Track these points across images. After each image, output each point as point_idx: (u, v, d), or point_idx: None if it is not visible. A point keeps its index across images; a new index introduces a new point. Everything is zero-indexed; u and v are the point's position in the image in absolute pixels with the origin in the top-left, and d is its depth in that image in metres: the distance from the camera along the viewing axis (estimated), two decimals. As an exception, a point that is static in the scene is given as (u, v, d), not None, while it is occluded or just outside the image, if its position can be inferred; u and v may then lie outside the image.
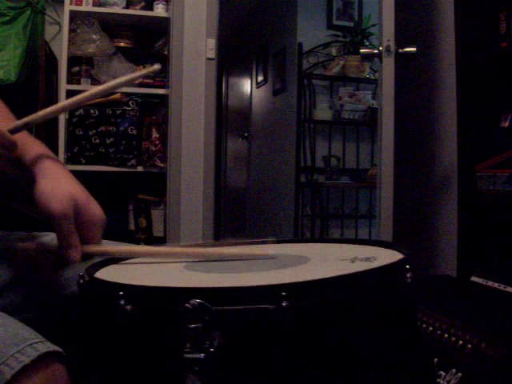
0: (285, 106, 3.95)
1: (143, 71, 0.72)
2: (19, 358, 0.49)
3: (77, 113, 2.45)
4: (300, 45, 3.64)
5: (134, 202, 2.61)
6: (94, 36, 2.47)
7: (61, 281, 0.72)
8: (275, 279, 0.55)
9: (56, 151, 2.41)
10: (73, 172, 0.67)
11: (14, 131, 0.65)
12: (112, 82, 0.68)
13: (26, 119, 0.67)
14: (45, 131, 2.37)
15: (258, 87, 4.67)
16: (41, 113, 0.67)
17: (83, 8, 2.47)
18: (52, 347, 0.51)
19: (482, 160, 1.68)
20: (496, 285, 1.33)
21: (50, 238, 0.77)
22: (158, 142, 2.53)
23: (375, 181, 2.11)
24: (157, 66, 0.70)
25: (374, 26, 3.41)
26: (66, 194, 0.61)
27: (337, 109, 3.64)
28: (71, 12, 2.43)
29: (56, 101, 2.54)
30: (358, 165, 3.77)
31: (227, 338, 0.45)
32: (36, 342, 0.51)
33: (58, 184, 0.62)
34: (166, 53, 2.62)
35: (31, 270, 0.71)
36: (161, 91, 2.56)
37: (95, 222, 0.63)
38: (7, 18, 2.41)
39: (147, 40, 2.70)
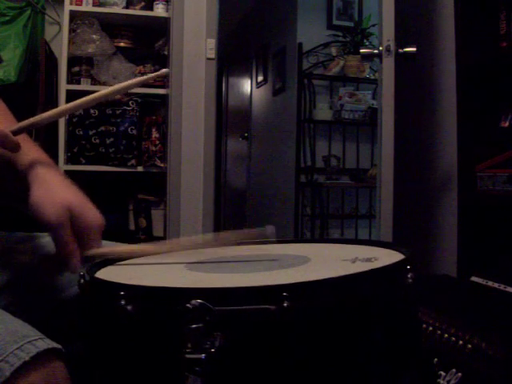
0: (285, 105, 3.95)
1: (151, 75, 0.71)
2: (19, 354, 0.48)
3: (77, 113, 2.45)
4: (300, 45, 3.64)
5: (134, 201, 2.61)
6: (94, 36, 2.47)
7: (62, 281, 0.72)
8: (276, 279, 0.55)
9: (56, 151, 2.41)
10: (73, 172, 0.67)
11: (16, 133, 0.65)
12: (119, 85, 0.67)
13: (29, 121, 0.67)
14: (45, 131, 2.37)
15: (258, 87, 4.67)
16: (44, 115, 0.67)
17: (83, 8, 2.47)
18: (52, 344, 0.51)
19: (482, 160, 1.68)
20: (496, 285, 1.33)
21: (50, 238, 0.77)
22: (157, 142, 2.53)
23: (375, 181, 2.11)
24: (165, 70, 0.70)
25: (374, 25, 3.41)
26: (60, 202, 0.60)
27: (337, 109, 3.64)
28: (71, 12, 2.43)
29: (56, 101, 2.54)
30: (358, 165, 3.77)
31: (228, 339, 0.45)
32: (36, 339, 0.51)
33: (52, 191, 0.62)
34: (165, 53, 2.62)
35: (30, 273, 0.72)
36: (161, 91, 2.56)
37: (92, 228, 0.62)
38: (7, 18, 2.40)
39: (147, 40, 2.70)
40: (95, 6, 2.49)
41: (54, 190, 0.62)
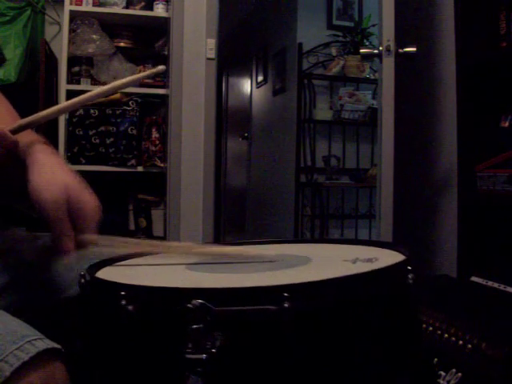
0: (285, 105, 3.95)
1: (148, 72, 0.71)
2: (18, 355, 0.48)
3: (77, 113, 2.45)
4: (300, 45, 3.64)
5: (134, 201, 2.61)
6: (94, 36, 2.47)
7: (62, 281, 0.72)
8: (277, 280, 0.55)
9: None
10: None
11: (15, 131, 0.65)
12: (117, 82, 0.67)
13: (28, 119, 0.67)
14: (45, 131, 2.37)
15: (257, 87, 4.67)
16: (43, 113, 0.67)
17: (83, 8, 2.47)
18: (51, 344, 0.51)
19: (482, 160, 1.68)
20: (496, 285, 1.33)
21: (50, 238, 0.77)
22: (158, 142, 2.53)
23: (375, 181, 2.11)
24: (161, 67, 0.70)
25: (374, 25, 3.41)
26: (58, 184, 0.60)
27: (337, 109, 3.64)
28: (71, 12, 2.43)
29: (56, 101, 2.54)
30: (358, 165, 3.77)
31: (229, 339, 0.45)
32: (35, 339, 0.50)
33: (50, 174, 0.61)
34: (165, 53, 2.62)
35: (30, 273, 0.71)
36: (161, 91, 2.56)
37: (89, 211, 0.61)
38: (7, 18, 2.41)
39: (147, 40, 2.70)
40: (95, 6, 2.49)
41: (51, 171, 0.62)
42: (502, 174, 1.59)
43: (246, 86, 5.04)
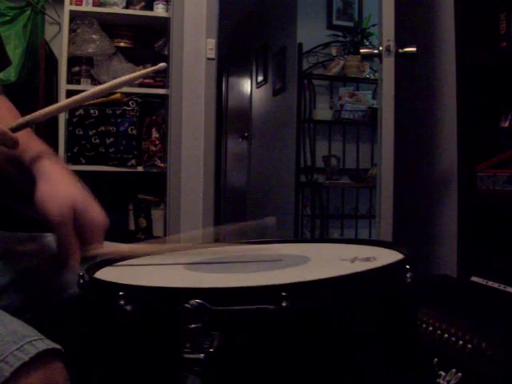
0: (285, 105, 3.95)
1: (149, 69, 0.71)
2: (18, 355, 0.48)
3: (77, 113, 2.45)
4: (300, 45, 3.64)
5: (134, 201, 2.61)
6: (94, 36, 2.47)
7: (62, 281, 0.72)
8: (275, 279, 0.55)
9: (56, 151, 2.39)
10: (73, 172, 0.67)
11: (15, 129, 0.65)
12: (117, 80, 0.67)
13: (27, 117, 0.67)
14: (45, 131, 2.37)
15: (258, 87, 4.67)
16: (42, 111, 0.67)
17: (83, 8, 2.47)
18: (51, 345, 0.51)
19: (482, 160, 1.68)
20: (496, 285, 1.32)
21: (51, 238, 0.77)
22: (157, 142, 2.53)
23: (375, 181, 2.11)
24: (162, 64, 0.70)
25: (374, 25, 3.41)
26: (65, 199, 0.60)
27: (337, 109, 3.64)
28: (71, 12, 2.43)
29: (56, 101, 2.54)
30: (358, 165, 3.77)
31: (227, 339, 0.45)
32: (35, 340, 0.50)
33: (57, 188, 0.61)
34: (165, 53, 2.62)
35: (30, 273, 0.71)
36: (161, 91, 2.56)
37: (95, 227, 0.62)
38: (7, 18, 2.41)
39: (147, 40, 2.70)
40: (95, 6, 2.49)
41: (59, 185, 0.62)
42: (502, 174, 1.59)
43: (246, 86, 5.04)
